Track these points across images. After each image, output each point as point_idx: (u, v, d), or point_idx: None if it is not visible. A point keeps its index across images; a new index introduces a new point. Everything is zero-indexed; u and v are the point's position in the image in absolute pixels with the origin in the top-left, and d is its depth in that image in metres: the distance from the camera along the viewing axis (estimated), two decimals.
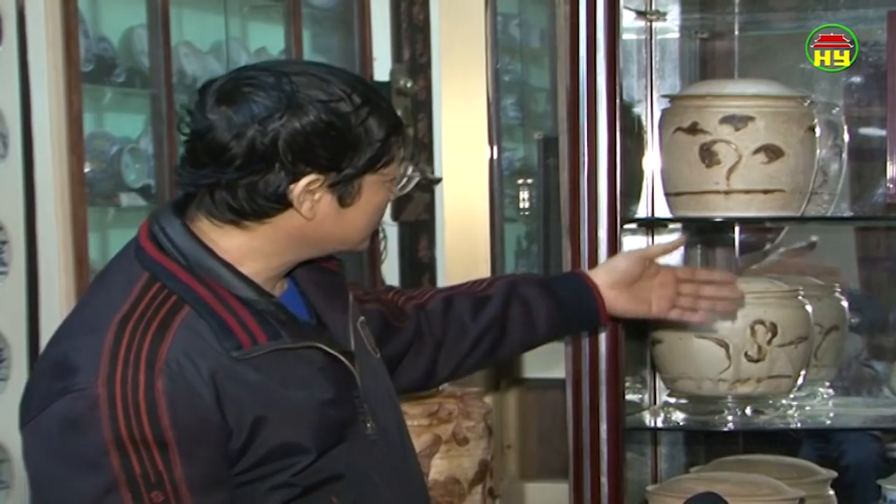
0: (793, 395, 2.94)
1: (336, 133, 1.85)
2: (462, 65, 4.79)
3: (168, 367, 1.80)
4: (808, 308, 2.90)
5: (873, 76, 3.16)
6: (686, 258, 3.32)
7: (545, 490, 4.27)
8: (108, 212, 4.15)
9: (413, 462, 2.12)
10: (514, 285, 2.36)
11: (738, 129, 2.79)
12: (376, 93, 1.92)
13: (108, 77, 4.18)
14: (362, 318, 2.11)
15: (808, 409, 3.04)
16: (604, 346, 2.76)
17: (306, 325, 1.96)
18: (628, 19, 2.97)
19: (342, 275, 2.07)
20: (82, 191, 3.62)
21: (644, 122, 3.12)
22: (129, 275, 1.89)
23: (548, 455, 4.37)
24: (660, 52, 3.19)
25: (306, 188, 1.86)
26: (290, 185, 1.85)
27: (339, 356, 1.94)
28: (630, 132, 2.92)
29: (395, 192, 1.98)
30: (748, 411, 2.89)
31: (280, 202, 1.87)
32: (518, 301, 2.35)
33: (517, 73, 6.13)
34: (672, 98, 2.95)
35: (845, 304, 3.12)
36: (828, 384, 3.13)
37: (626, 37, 2.87)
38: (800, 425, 3.00)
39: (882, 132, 3.01)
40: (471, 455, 2.77)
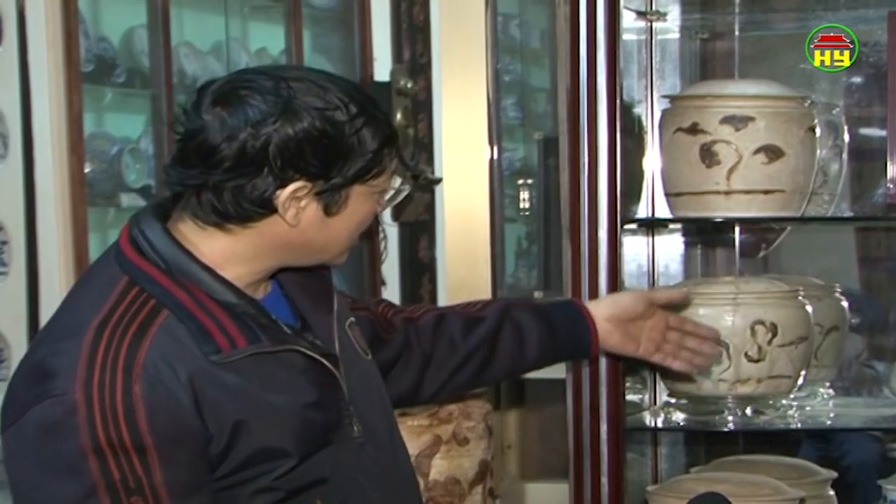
0: (793, 396, 2.94)
1: (328, 141, 1.84)
2: (462, 65, 4.78)
3: (146, 372, 1.79)
4: (809, 308, 2.90)
5: (873, 76, 3.16)
6: (686, 258, 3.32)
7: (545, 490, 4.26)
8: (109, 212, 4.15)
9: (405, 464, 2.11)
10: (508, 308, 2.36)
11: (738, 130, 2.79)
12: (374, 104, 1.91)
13: (109, 77, 4.17)
14: (352, 319, 2.11)
15: (808, 409, 3.04)
16: None
17: (288, 328, 1.94)
18: (628, 19, 2.97)
19: (328, 277, 2.06)
20: (82, 191, 3.62)
21: (644, 123, 3.12)
22: (108, 278, 1.89)
23: (548, 455, 4.37)
24: (660, 52, 3.19)
25: (293, 195, 1.85)
26: (277, 191, 1.85)
27: (321, 359, 1.93)
28: (630, 132, 2.92)
29: (384, 204, 1.97)
30: (748, 411, 2.89)
31: (265, 207, 1.86)
32: (511, 324, 2.34)
33: (517, 74, 6.13)
34: (672, 98, 2.95)
35: (845, 304, 3.12)
36: (828, 384, 3.13)
37: (626, 37, 2.87)
38: (800, 426, 3.00)
39: (882, 132, 3.01)
40: (471, 455, 2.76)
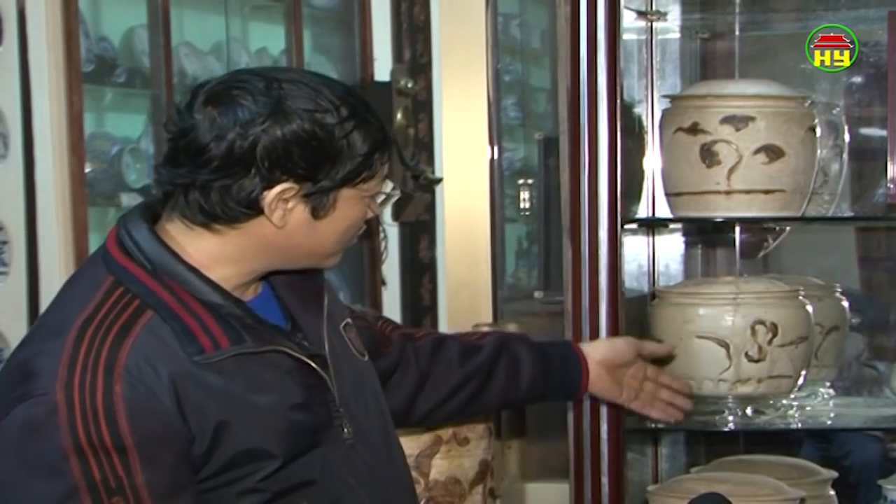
0: (793, 396, 2.94)
1: (317, 143, 1.84)
2: (463, 65, 4.78)
3: (127, 372, 1.79)
4: (809, 308, 2.90)
5: (874, 76, 3.17)
6: (686, 258, 3.32)
7: (546, 490, 4.26)
8: (109, 212, 4.14)
9: (399, 465, 2.10)
10: (506, 340, 2.40)
11: (738, 130, 2.79)
12: (367, 108, 1.90)
13: (109, 77, 4.16)
14: (348, 321, 2.10)
15: (808, 409, 3.04)
16: None
17: (273, 329, 1.94)
18: (629, 19, 2.97)
19: (319, 278, 2.05)
20: (83, 191, 3.61)
21: (645, 123, 3.12)
22: (94, 279, 1.89)
23: (548, 455, 4.37)
24: (660, 52, 3.19)
25: (279, 196, 1.85)
26: (264, 192, 1.84)
27: (307, 360, 1.93)
28: (631, 132, 2.92)
29: (374, 209, 1.96)
30: (749, 411, 2.89)
31: (252, 208, 1.85)
32: (508, 355, 2.37)
33: (518, 74, 6.13)
34: (673, 98, 2.95)
35: (846, 304, 3.12)
36: (828, 384, 3.13)
37: (626, 37, 2.87)
38: (800, 425, 3.00)
39: (882, 132, 3.01)
40: (471, 455, 2.76)
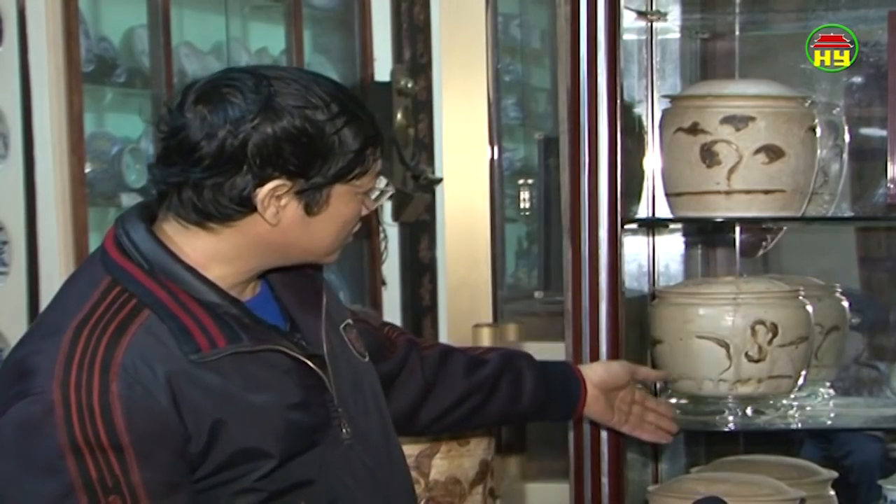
0: (793, 396, 2.94)
1: (307, 140, 1.84)
2: (463, 65, 4.78)
3: (123, 371, 1.79)
4: (809, 308, 2.90)
5: (874, 76, 3.16)
6: (686, 258, 3.32)
7: (546, 490, 4.26)
8: (109, 212, 4.14)
9: (399, 466, 2.11)
10: (510, 357, 2.43)
11: (738, 130, 2.79)
12: (358, 104, 1.90)
13: (109, 77, 4.17)
14: (349, 321, 2.10)
15: (808, 409, 3.04)
16: (604, 347, 2.76)
17: (271, 329, 1.94)
18: (629, 19, 2.97)
19: (318, 278, 2.06)
20: (83, 191, 3.61)
21: (645, 123, 3.12)
22: (91, 278, 1.89)
23: (549, 455, 4.36)
24: (660, 52, 3.19)
25: (272, 193, 1.85)
26: (256, 189, 1.85)
27: (305, 360, 1.93)
28: (631, 132, 2.92)
29: (370, 205, 1.96)
30: (749, 411, 2.89)
31: (245, 205, 1.86)
32: (511, 371, 2.41)
33: (518, 74, 6.13)
34: (673, 98, 2.95)
35: (846, 304, 3.12)
36: (828, 384, 3.13)
37: (626, 37, 2.87)
38: (800, 426, 2.99)
39: (883, 132, 3.01)
40: (471, 455, 2.76)
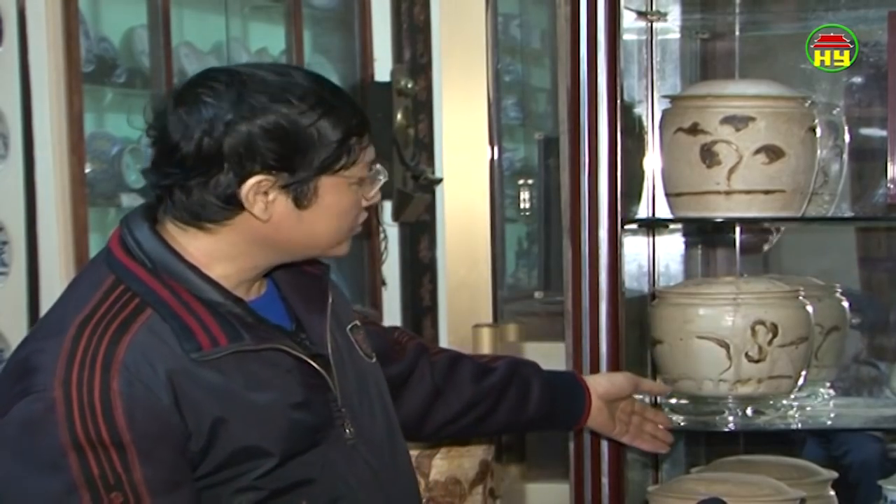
0: (793, 396, 2.93)
1: (283, 134, 1.85)
2: (463, 65, 4.78)
3: (125, 369, 1.80)
4: (809, 308, 2.90)
5: (874, 76, 3.16)
6: (686, 258, 3.32)
7: (546, 491, 4.26)
8: (109, 212, 4.14)
9: (403, 467, 2.11)
10: (517, 365, 2.44)
11: (738, 130, 2.79)
12: (336, 95, 1.90)
13: (109, 77, 4.16)
14: (356, 323, 2.11)
15: (808, 409, 3.04)
16: (604, 347, 2.75)
17: (275, 328, 1.94)
18: (629, 20, 2.97)
19: (325, 278, 2.06)
20: (83, 191, 3.61)
21: (645, 123, 3.12)
22: (95, 278, 1.90)
23: (549, 455, 4.36)
24: (660, 52, 3.18)
25: (256, 189, 1.86)
26: (239, 186, 1.85)
27: (308, 360, 1.93)
28: (631, 132, 2.92)
29: (367, 195, 1.96)
30: (749, 412, 2.89)
31: (231, 203, 1.87)
32: (518, 380, 2.42)
33: (518, 74, 6.13)
34: (673, 98, 2.95)
35: (846, 304, 3.12)
36: (828, 384, 3.13)
37: (626, 37, 2.87)
38: (800, 426, 2.99)
39: (883, 132, 3.01)
40: (472, 455, 2.76)
